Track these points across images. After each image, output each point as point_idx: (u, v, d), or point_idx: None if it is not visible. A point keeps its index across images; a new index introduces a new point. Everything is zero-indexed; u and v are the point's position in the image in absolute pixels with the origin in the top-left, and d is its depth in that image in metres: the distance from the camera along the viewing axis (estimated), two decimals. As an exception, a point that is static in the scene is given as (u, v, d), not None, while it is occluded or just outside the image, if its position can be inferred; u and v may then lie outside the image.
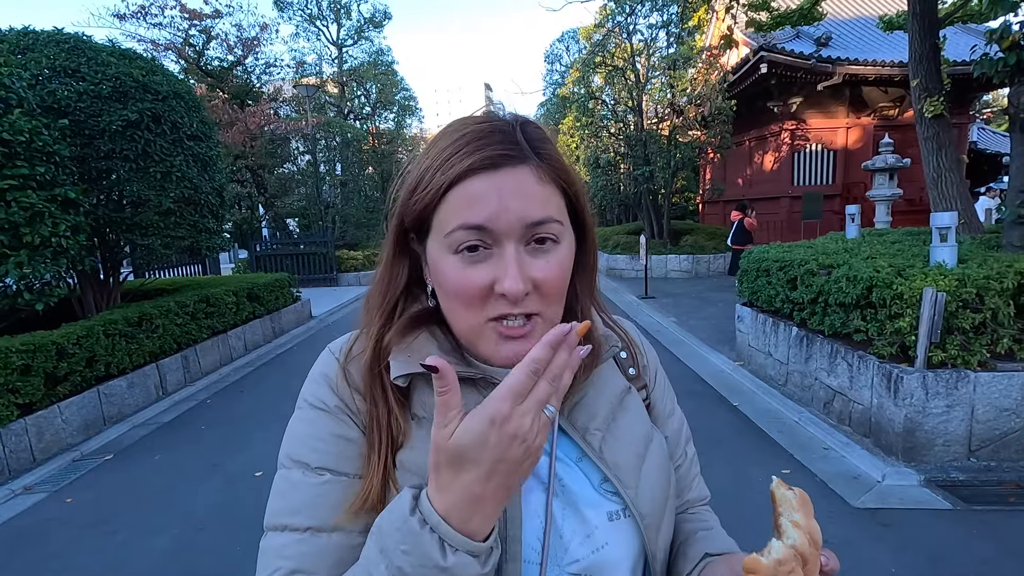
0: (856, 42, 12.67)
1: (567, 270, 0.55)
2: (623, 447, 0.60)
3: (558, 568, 0.55)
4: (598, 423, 0.60)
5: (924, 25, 5.38)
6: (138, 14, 12.38)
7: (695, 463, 0.75)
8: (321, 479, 0.54)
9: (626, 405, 0.64)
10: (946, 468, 3.13)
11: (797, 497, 0.51)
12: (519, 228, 0.51)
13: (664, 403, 0.72)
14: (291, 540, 0.53)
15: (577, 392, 0.61)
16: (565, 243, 0.55)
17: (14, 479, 3.64)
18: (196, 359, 5.99)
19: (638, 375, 0.70)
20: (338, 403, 0.57)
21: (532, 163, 0.53)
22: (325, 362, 0.61)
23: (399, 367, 0.56)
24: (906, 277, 3.35)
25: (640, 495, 0.58)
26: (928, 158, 5.52)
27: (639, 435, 0.62)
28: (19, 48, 4.92)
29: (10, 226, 3.91)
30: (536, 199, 0.52)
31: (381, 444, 0.54)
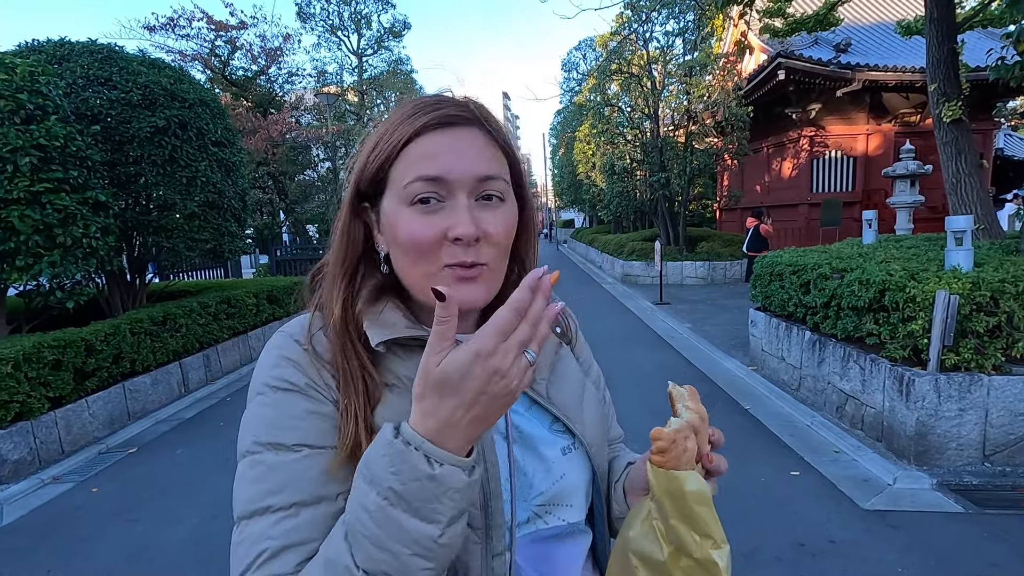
0: (876, 48, 12.54)
1: (512, 227, 0.60)
2: (565, 389, 0.69)
3: (526, 502, 0.62)
4: (543, 372, 0.69)
5: (942, 30, 5.34)
6: (167, 26, 12.78)
7: (611, 407, 0.84)
8: (300, 454, 0.54)
9: (561, 355, 0.73)
10: (959, 472, 3.09)
11: (687, 391, 0.62)
12: (471, 181, 0.56)
13: (586, 356, 0.81)
14: (275, 520, 0.52)
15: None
16: (509, 203, 0.60)
17: (44, 469, 3.79)
18: (217, 358, 6.15)
19: (564, 332, 0.78)
20: (307, 381, 0.57)
21: (482, 127, 0.59)
22: (282, 345, 0.60)
23: (378, 335, 0.59)
24: (919, 280, 3.33)
25: (587, 428, 0.68)
26: (947, 163, 5.46)
27: (575, 379, 0.72)
28: (56, 58, 5.15)
29: (44, 227, 4.09)
30: (485, 157, 0.58)
31: (357, 396, 0.56)
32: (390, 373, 0.60)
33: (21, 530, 3.10)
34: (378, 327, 0.60)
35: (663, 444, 0.56)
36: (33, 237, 4.02)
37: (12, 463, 3.61)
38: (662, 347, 6.64)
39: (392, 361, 0.61)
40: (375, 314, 0.61)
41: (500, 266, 0.60)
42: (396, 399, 0.58)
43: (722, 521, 0.68)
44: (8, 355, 3.62)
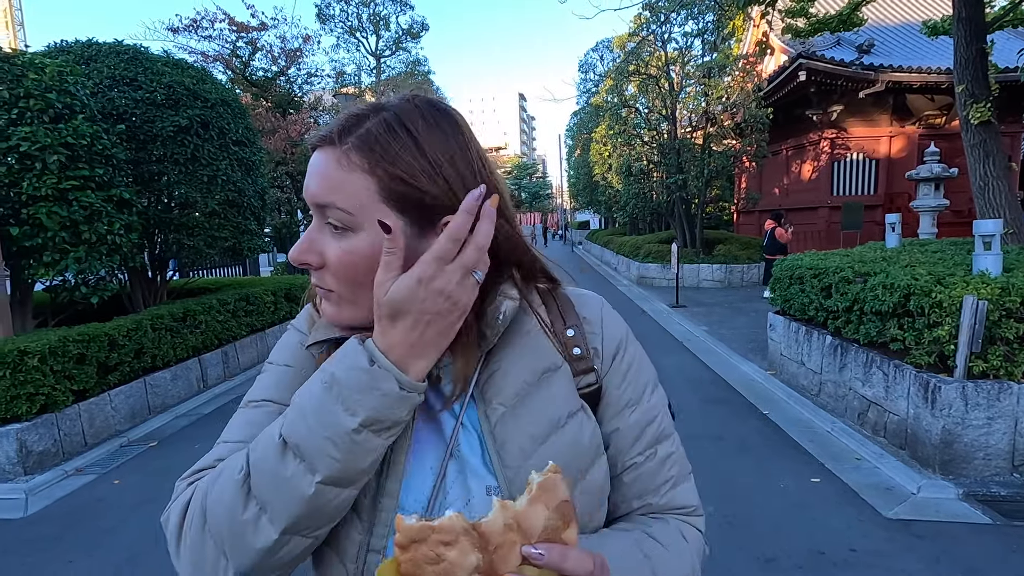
0: (900, 49, 12.33)
1: (357, 259, 0.54)
2: (519, 426, 0.57)
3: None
4: (504, 398, 0.58)
5: (970, 29, 5.22)
6: (190, 27, 13.00)
7: (668, 465, 0.64)
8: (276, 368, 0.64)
9: (546, 384, 0.60)
10: (986, 482, 3.01)
11: (541, 482, 0.44)
12: (313, 206, 0.55)
13: (621, 392, 0.64)
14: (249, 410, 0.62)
15: (494, 362, 0.59)
16: (364, 233, 0.53)
17: (67, 460, 3.87)
18: (235, 355, 6.23)
19: (584, 356, 0.63)
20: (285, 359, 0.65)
21: (336, 148, 0.53)
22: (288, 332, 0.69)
23: (314, 336, 0.61)
24: (946, 285, 3.26)
25: (520, 477, 0.55)
26: (974, 166, 5.34)
27: (546, 417, 0.58)
28: (83, 59, 5.26)
29: (71, 223, 4.17)
30: (328, 182, 0.53)
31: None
32: None
33: (46, 520, 3.16)
34: (318, 329, 0.62)
35: (399, 538, 0.42)
36: (60, 233, 4.11)
37: (37, 454, 3.69)
38: (679, 350, 6.58)
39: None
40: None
41: (355, 297, 0.55)
42: None
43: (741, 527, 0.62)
44: (34, 348, 3.70)
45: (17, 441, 3.57)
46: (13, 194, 3.99)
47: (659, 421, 0.65)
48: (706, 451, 3.60)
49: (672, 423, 0.68)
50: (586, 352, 0.63)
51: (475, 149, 0.57)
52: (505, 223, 0.58)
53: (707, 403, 4.64)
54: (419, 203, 0.53)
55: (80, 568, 2.67)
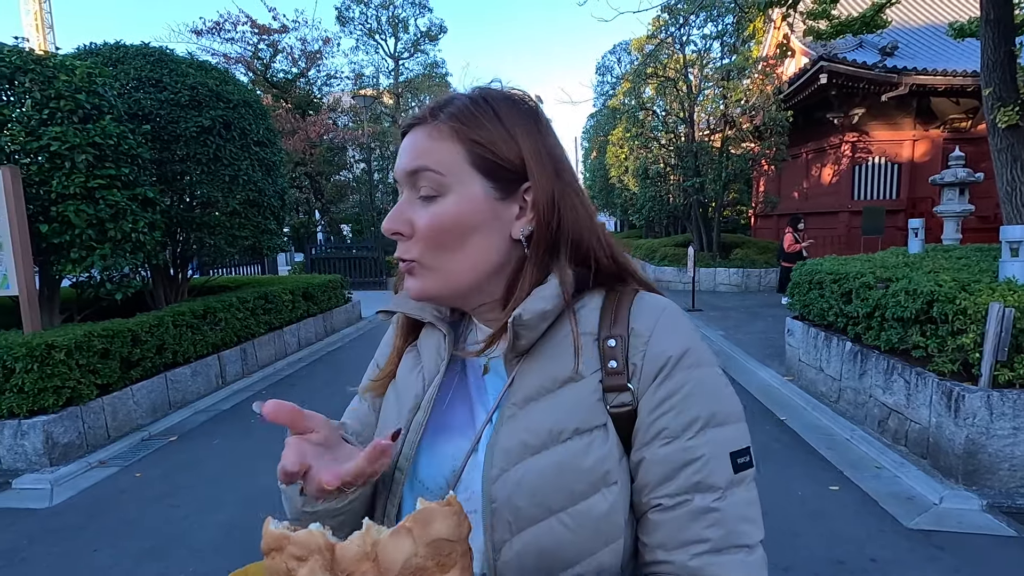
0: (924, 51, 12.11)
1: (443, 220, 0.56)
2: (516, 431, 0.55)
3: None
4: (517, 399, 0.57)
5: (999, 31, 5.12)
6: (213, 30, 13.25)
7: (705, 524, 0.52)
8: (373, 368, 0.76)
9: (559, 393, 0.56)
10: (1011, 494, 2.95)
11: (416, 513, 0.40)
12: (403, 177, 0.59)
13: (654, 420, 0.55)
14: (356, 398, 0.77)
15: (527, 365, 0.59)
16: (452, 195, 0.56)
17: (91, 453, 3.95)
18: (254, 352, 6.31)
19: (618, 371, 0.56)
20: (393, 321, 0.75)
21: (427, 124, 0.59)
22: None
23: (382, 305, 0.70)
24: (971, 292, 3.20)
25: (499, 482, 0.54)
26: (1001, 171, 5.23)
27: (546, 427, 0.54)
28: (111, 60, 5.39)
29: (97, 221, 4.27)
30: (418, 152, 0.58)
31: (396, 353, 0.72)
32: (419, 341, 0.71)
33: (71, 510, 3.24)
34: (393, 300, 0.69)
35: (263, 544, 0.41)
36: (87, 231, 4.21)
37: (62, 446, 3.78)
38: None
39: (423, 331, 0.70)
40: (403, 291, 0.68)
41: (435, 262, 0.58)
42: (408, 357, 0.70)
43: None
44: (61, 343, 3.79)
45: (44, 433, 3.66)
46: (43, 192, 4.10)
47: (703, 468, 0.53)
48: (722, 456, 3.56)
49: (733, 480, 0.54)
50: (622, 367, 0.56)
51: (547, 128, 0.62)
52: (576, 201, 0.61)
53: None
54: (499, 168, 0.58)
55: (104, 557, 2.73)
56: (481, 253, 0.58)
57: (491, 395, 0.61)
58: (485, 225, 0.58)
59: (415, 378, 0.66)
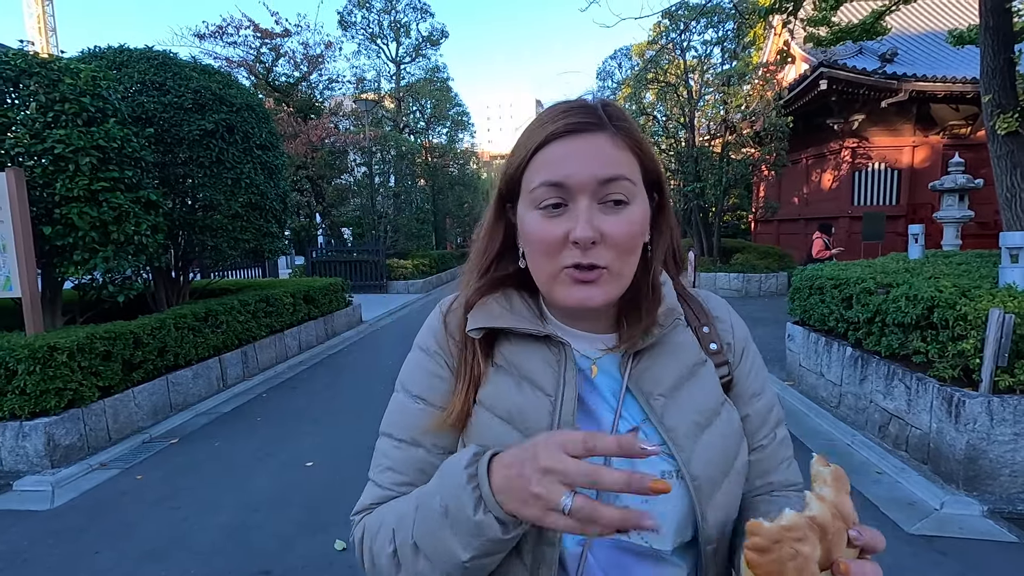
0: (924, 58, 12.17)
1: (637, 227, 0.61)
2: (683, 414, 0.63)
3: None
4: (663, 389, 0.64)
5: (998, 39, 5.15)
6: (216, 34, 13.30)
7: (785, 446, 0.73)
8: (416, 406, 0.68)
9: (698, 376, 0.67)
10: (1012, 500, 2.95)
11: (831, 473, 0.49)
12: (592, 184, 0.58)
13: (749, 383, 0.72)
14: (391, 446, 0.68)
15: (646, 358, 0.66)
16: (637, 204, 0.61)
17: (92, 455, 3.95)
18: (255, 355, 6.32)
19: (719, 351, 0.71)
20: (436, 348, 0.70)
21: (608, 131, 0.60)
22: (433, 314, 0.74)
23: (473, 321, 0.66)
24: (971, 298, 3.21)
25: (694, 459, 0.61)
26: (1001, 177, 5.25)
27: (703, 406, 0.65)
28: (115, 64, 5.41)
29: (101, 224, 4.29)
30: (609, 160, 0.59)
31: (467, 380, 0.66)
32: (500, 355, 0.67)
33: (72, 511, 3.24)
34: (479, 315, 0.67)
35: (760, 542, 0.45)
36: (90, 233, 4.22)
37: (64, 448, 3.78)
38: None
39: (504, 345, 0.67)
40: (483, 302, 0.68)
41: (622, 268, 0.61)
42: (499, 379, 0.66)
43: None
44: (64, 345, 3.80)
45: (46, 434, 3.66)
46: (46, 194, 4.12)
47: (777, 409, 0.74)
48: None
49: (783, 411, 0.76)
50: (720, 348, 0.71)
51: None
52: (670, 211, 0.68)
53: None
54: (653, 183, 0.66)
55: (106, 559, 2.73)
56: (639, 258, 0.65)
57: (606, 393, 0.65)
58: (646, 232, 0.64)
59: (530, 397, 0.63)
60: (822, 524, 0.46)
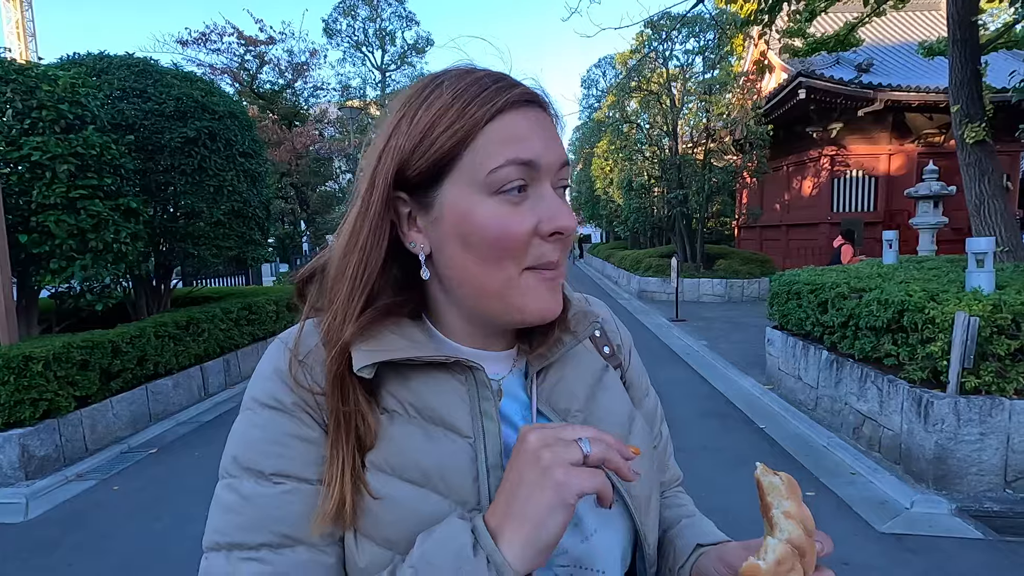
0: (899, 68, 12.48)
1: None
2: (606, 427, 0.54)
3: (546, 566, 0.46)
4: (579, 404, 0.57)
5: (965, 52, 5.32)
6: (199, 40, 13.24)
7: (669, 443, 0.74)
8: (280, 488, 0.48)
9: (605, 384, 0.61)
10: (979, 498, 3.03)
11: (785, 483, 0.47)
12: (556, 167, 0.50)
13: (640, 383, 0.70)
14: (243, 561, 0.46)
15: (551, 372, 0.58)
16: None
17: (68, 466, 3.89)
18: (237, 363, 6.27)
19: (613, 354, 0.67)
20: (295, 400, 0.50)
21: (550, 114, 0.53)
22: (277, 356, 0.53)
23: (362, 357, 0.49)
24: (939, 302, 3.30)
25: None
26: (970, 185, 5.41)
27: (621, 413, 0.60)
28: (95, 71, 5.37)
29: (78, 232, 4.24)
30: (559, 144, 0.52)
31: (346, 444, 0.48)
32: (390, 398, 0.51)
33: (46, 524, 3.19)
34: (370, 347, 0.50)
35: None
36: (68, 241, 4.18)
37: (39, 459, 3.72)
38: (678, 364, 6.61)
39: (392, 383, 0.52)
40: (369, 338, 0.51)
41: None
42: (397, 430, 0.50)
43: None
44: (39, 354, 3.75)
45: (19, 446, 3.61)
46: (23, 202, 4.07)
47: (660, 405, 0.73)
48: (702, 463, 3.62)
49: None
50: (613, 350, 0.68)
51: None
52: None
53: (705, 416, 4.66)
54: None
55: (80, 572, 2.70)
56: None
57: (516, 417, 0.55)
58: None
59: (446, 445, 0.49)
60: (798, 545, 0.45)
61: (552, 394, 0.57)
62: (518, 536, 0.41)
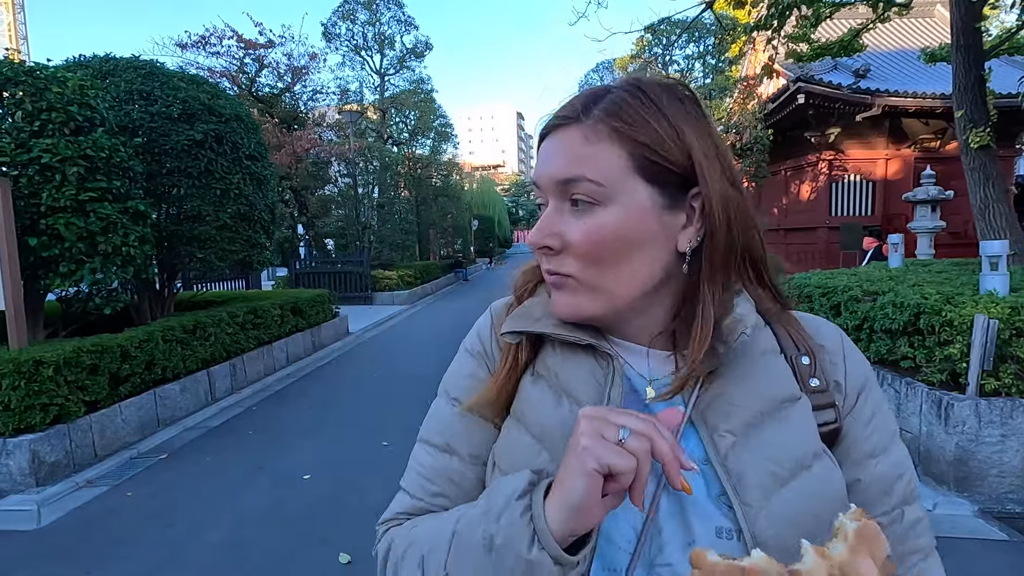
0: (896, 74, 12.62)
1: (603, 234, 0.51)
2: (757, 460, 0.51)
3: (649, 566, 0.51)
4: (732, 425, 0.52)
5: (969, 57, 5.39)
6: (199, 44, 13.19)
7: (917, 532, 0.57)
8: (453, 409, 0.62)
9: (784, 416, 0.53)
10: (1001, 499, 3.04)
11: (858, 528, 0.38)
12: (552, 185, 0.53)
13: (866, 438, 0.56)
14: (425, 453, 0.62)
15: (718, 383, 0.54)
16: (612, 206, 0.51)
17: (78, 472, 3.84)
18: (243, 367, 6.21)
19: (823, 389, 0.56)
20: (480, 349, 0.64)
21: (580, 124, 0.52)
22: (484, 315, 0.68)
23: (509, 323, 0.59)
24: (955, 304, 3.32)
25: (762, 518, 0.49)
26: (975, 189, 5.46)
27: (787, 454, 0.51)
28: (101, 73, 5.34)
29: (88, 235, 4.20)
30: (571, 158, 0.52)
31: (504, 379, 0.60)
32: (542, 363, 0.59)
33: (60, 531, 3.14)
34: (517, 316, 0.60)
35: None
36: (77, 244, 4.13)
37: (49, 465, 3.67)
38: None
39: (549, 353, 0.59)
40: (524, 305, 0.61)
41: (598, 280, 0.53)
42: (537, 390, 0.58)
43: None
44: (50, 358, 3.70)
45: (30, 452, 3.55)
46: (32, 205, 4.03)
47: (907, 479, 0.57)
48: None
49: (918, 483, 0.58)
50: (824, 385, 0.56)
51: (711, 124, 0.54)
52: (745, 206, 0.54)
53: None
54: (667, 173, 0.52)
55: (98, 580, 2.65)
56: (645, 269, 0.53)
57: None
58: (651, 238, 0.52)
59: (568, 416, 0.54)
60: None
61: (708, 406, 0.54)
62: (555, 496, 0.46)
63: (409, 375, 6.48)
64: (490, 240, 36.27)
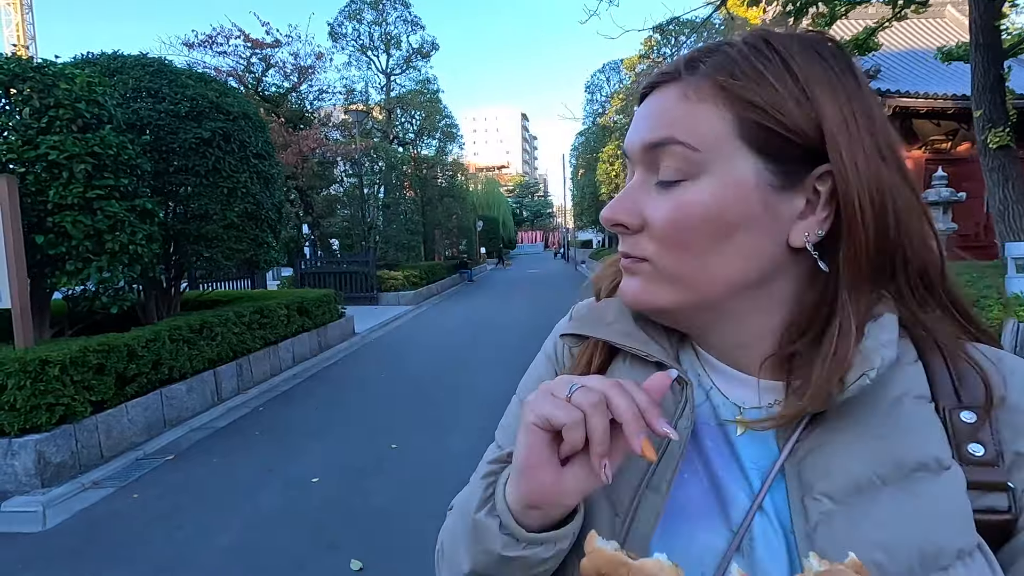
0: (907, 74, 12.51)
1: (697, 214, 0.42)
2: (859, 540, 0.37)
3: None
4: (831, 486, 0.39)
5: (988, 56, 5.30)
6: (205, 43, 13.17)
7: None
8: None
9: (915, 489, 0.38)
10: None
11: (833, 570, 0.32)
12: (639, 152, 0.45)
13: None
14: (493, 450, 0.57)
15: (821, 433, 0.41)
16: (704, 178, 0.41)
17: (84, 473, 3.79)
18: (249, 368, 6.16)
19: (990, 461, 0.39)
20: (552, 353, 0.59)
21: (681, 81, 0.43)
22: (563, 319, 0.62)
23: (572, 326, 0.54)
24: (981, 307, 3.24)
25: None
26: (993, 190, 5.38)
27: (915, 544, 0.37)
28: (109, 70, 5.30)
29: (95, 233, 4.16)
30: (666, 119, 0.43)
31: None
32: (615, 371, 0.51)
33: (66, 533, 3.09)
34: (584, 318, 0.54)
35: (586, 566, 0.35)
36: (84, 242, 4.09)
37: (55, 466, 3.62)
38: None
39: (618, 364, 0.51)
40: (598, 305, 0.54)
41: (675, 267, 0.43)
42: None
43: None
44: (56, 358, 3.66)
45: (36, 452, 3.50)
46: (39, 202, 3.98)
47: None
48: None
49: None
50: (994, 456, 0.39)
51: (864, 90, 0.42)
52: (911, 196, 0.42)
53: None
54: (783, 143, 0.40)
55: (105, 585, 2.60)
56: (739, 262, 0.42)
57: (749, 466, 0.44)
58: (750, 223, 0.41)
59: None
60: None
61: (805, 458, 0.41)
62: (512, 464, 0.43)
63: (416, 376, 6.42)
64: (495, 241, 36.29)
